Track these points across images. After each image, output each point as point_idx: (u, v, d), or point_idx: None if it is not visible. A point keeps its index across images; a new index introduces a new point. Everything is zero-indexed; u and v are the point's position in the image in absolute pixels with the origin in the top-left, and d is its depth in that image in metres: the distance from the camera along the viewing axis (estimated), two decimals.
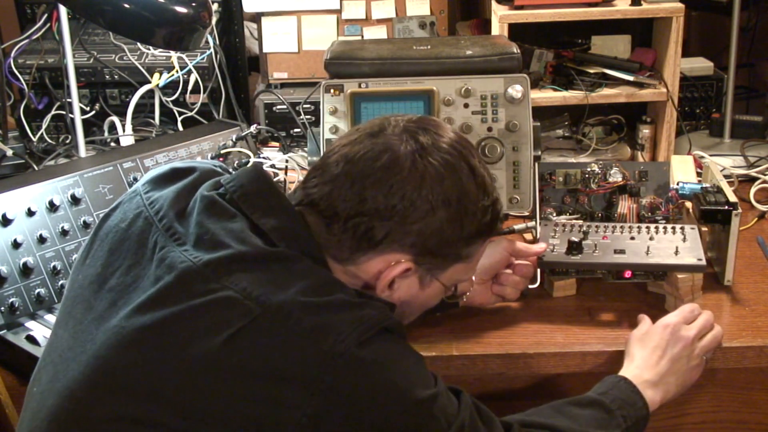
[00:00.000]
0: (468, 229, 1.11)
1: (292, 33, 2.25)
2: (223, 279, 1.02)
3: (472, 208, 1.11)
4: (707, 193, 1.55)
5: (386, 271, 1.10)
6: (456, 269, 1.16)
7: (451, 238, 1.11)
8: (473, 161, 1.12)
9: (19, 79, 2.13)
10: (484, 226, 1.13)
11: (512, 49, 1.55)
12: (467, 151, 1.12)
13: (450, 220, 1.09)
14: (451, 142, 1.11)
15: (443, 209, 1.08)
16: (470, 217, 1.11)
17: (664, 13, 1.95)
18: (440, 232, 1.09)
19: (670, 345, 1.31)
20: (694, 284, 1.44)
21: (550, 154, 2.06)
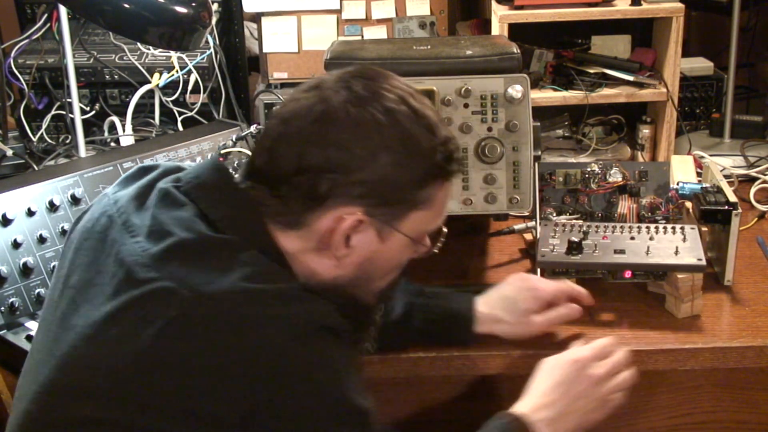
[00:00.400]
0: (417, 171, 1.06)
1: (292, 33, 2.25)
2: (163, 268, 1.00)
3: (417, 149, 1.06)
4: (707, 193, 1.55)
5: (337, 226, 1.06)
6: (416, 217, 1.09)
7: (400, 183, 1.06)
8: (415, 104, 1.07)
9: (19, 79, 2.13)
10: (435, 167, 1.08)
11: (512, 49, 1.55)
12: (408, 95, 1.08)
13: (395, 165, 1.05)
14: (389, 88, 1.07)
15: (385, 155, 1.04)
16: (417, 159, 1.06)
17: (664, 13, 1.95)
18: (387, 178, 1.05)
19: (575, 382, 1.24)
20: (694, 284, 1.44)
21: (550, 154, 2.06)
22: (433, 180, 1.09)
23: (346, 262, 1.09)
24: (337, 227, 1.06)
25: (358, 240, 1.08)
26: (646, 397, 1.45)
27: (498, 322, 1.37)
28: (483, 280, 1.60)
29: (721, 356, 1.38)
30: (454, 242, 1.73)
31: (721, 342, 1.39)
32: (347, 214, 1.05)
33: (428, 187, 1.08)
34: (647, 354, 1.38)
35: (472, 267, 1.65)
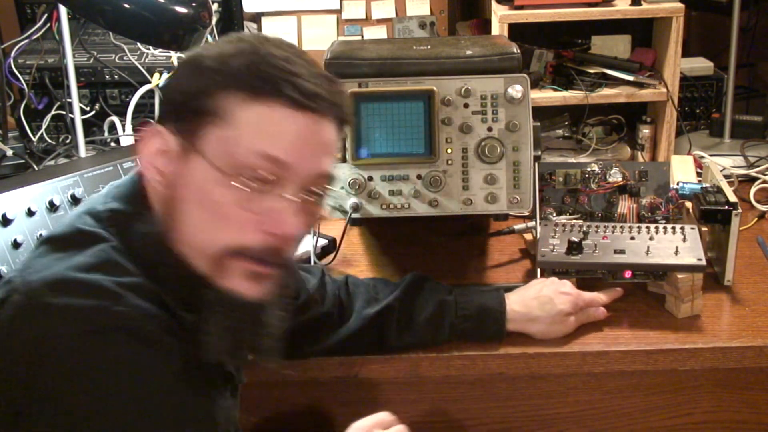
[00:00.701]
0: (210, 77, 0.99)
1: (292, 33, 2.25)
2: (29, 262, 0.99)
3: (217, 57, 1.00)
4: (707, 193, 1.55)
5: (142, 146, 1.03)
6: (215, 136, 0.99)
7: (191, 89, 1.00)
8: (250, 38, 1.04)
9: (19, 79, 2.13)
10: (233, 76, 0.98)
11: (512, 49, 1.55)
12: (252, 36, 1.05)
13: (190, 73, 1.01)
14: (275, 41, 1.05)
15: (186, 67, 1.03)
16: (213, 64, 1.00)
17: (664, 13, 1.95)
18: (180, 87, 1.02)
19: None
20: (694, 284, 1.44)
21: (550, 154, 2.06)
22: (225, 89, 0.98)
23: (161, 194, 1.03)
24: (141, 147, 1.03)
25: (166, 165, 1.02)
26: (646, 397, 1.45)
27: (534, 321, 1.39)
28: (483, 280, 1.60)
29: (721, 356, 1.38)
30: (454, 242, 1.74)
31: (721, 342, 1.39)
32: (149, 130, 1.03)
33: (218, 97, 0.98)
34: (647, 354, 1.38)
35: (472, 267, 1.65)
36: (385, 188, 1.52)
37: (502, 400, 1.45)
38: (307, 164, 1.01)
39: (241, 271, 1.01)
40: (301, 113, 0.99)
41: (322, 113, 1.01)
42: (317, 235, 1.59)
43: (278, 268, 1.03)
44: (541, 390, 1.44)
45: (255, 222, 0.99)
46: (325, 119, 1.02)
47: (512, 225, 1.72)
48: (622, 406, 1.46)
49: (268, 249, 1.00)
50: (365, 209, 1.53)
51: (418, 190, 1.52)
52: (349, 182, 1.51)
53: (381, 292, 1.42)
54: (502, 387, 1.44)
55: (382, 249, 1.72)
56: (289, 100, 0.98)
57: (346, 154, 1.51)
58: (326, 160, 1.04)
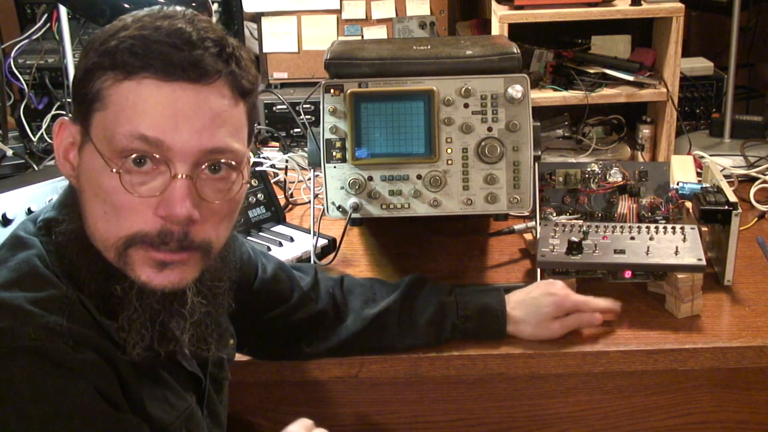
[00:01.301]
0: (92, 60, 0.96)
1: (292, 33, 2.25)
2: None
3: (99, 38, 0.97)
4: (707, 193, 1.55)
5: (55, 137, 1.01)
6: (99, 121, 0.96)
7: (79, 74, 0.98)
8: (143, 13, 0.98)
9: (19, 79, 2.13)
10: (109, 55, 0.94)
11: (512, 49, 1.55)
12: (145, 12, 0.99)
13: (81, 58, 0.99)
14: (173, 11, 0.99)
15: (81, 51, 1.01)
16: (95, 46, 0.97)
17: (664, 13, 1.95)
18: (76, 73, 0.99)
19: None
20: (694, 284, 1.44)
21: (550, 154, 2.06)
22: (101, 70, 0.95)
23: (77, 186, 1.01)
24: (56, 143, 1.02)
25: (73, 155, 1.01)
26: (646, 397, 1.45)
27: (520, 322, 1.40)
28: (483, 280, 1.60)
29: (721, 356, 1.38)
30: (454, 242, 1.74)
31: (721, 342, 1.39)
32: (57, 124, 1.02)
33: (96, 80, 0.95)
34: (647, 354, 1.38)
35: (472, 267, 1.65)
36: (385, 188, 1.52)
37: (502, 400, 1.45)
38: (187, 139, 0.94)
39: (145, 260, 0.96)
40: (171, 85, 0.93)
41: (202, 83, 0.94)
42: (317, 235, 1.59)
43: (187, 252, 0.97)
44: (541, 390, 1.44)
45: (146, 206, 0.95)
46: (208, 88, 0.95)
47: (512, 225, 1.72)
48: (622, 406, 1.46)
49: (167, 233, 0.95)
50: (365, 209, 1.53)
51: (418, 190, 1.52)
52: (349, 182, 1.51)
53: (378, 292, 1.42)
54: (502, 387, 1.44)
55: (382, 249, 1.72)
56: (157, 72, 0.93)
57: (346, 154, 1.51)
58: (214, 132, 0.95)
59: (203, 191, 0.97)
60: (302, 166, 1.95)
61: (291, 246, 1.62)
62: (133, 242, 0.95)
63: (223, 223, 1.01)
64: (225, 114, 0.96)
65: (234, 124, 0.98)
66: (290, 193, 1.95)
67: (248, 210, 1.69)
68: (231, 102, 0.97)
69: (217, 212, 0.99)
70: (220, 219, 1.00)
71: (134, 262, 0.96)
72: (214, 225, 0.99)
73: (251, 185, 1.70)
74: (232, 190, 0.99)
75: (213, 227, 0.99)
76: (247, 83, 0.99)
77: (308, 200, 1.89)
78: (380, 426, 1.47)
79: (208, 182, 0.97)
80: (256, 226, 1.69)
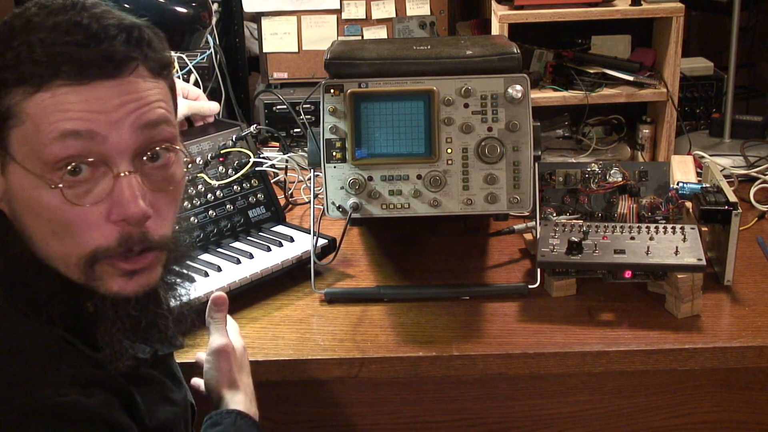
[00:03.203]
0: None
1: (292, 33, 2.25)
2: None
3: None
4: (707, 193, 1.55)
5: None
6: (19, 137, 0.89)
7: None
8: (30, 12, 0.91)
9: None
10: (11, 69, 0.88)
11: (512, 49, 1.55)
12: (27, 10, 0.92)
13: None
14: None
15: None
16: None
17: (664, 13, 1.95)
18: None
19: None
20: (694, 284, 1.44)
21: (550, 154, 2.06)
22: (6, 86, 0.89)
23: (6, 210, 0.94)
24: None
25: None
26: (646, 397, 1.45)
27: (239, 377, 1.25)
28: (483, 280, 1.60)
29: (721, 356, 1.38)
30: (454, 242, 1.74)
31: (721, 342, 1.39)
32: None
33: (2, 98, 0.89)
34: (647, 354, 1.38)
35: (472, 267, 1.65)
36: (385, 188, 1.52)
37: (502, 400, 1.45)
38: (120, 131, 0.89)
39: (114, 272, 0.92)
40: (90, 85, 0.88)
41: (121, 75, 0.89)
42: (317, 235, 1.59)
43: (150, 254, 0.94)
44: (541, 390, 1.44)
45: (98, 215, 0.90)
46: (127, 78, 0.90)
47: (512, 225, 1.72)
48: (622, 406, 1.46)
49: (127, 239, 0.91)
50: (365, 209, 1.53)
51: (418, 190, 1.52)
52: (349, 182, 1.51)
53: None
54: (502, 387, 1.44)
55: (382, 249, 1.72)
56: (70, 77, 0.87)
57: (346, 154, 1.51)
58: (144, 114, 0.91)
59: (149, 183, 0.93)
60: (302, 166, 1.95)
61: (291, 246, 1.62)
62: (96, 258, 0.91)
63: (173, 209, 0.98)
64: (149, 95, 0.92)
65: (160, 99, 0.93)
66: (290, 193, 1.95)
67: (248, 210, 1.69)
68: (151, 83, 0.93)
69: (166, 202, 0.96)
70: (170, 207, 0.97)
71: (102, 276, 0.92)
72: (167, 216, 0.96)
73: (251, 185, 1.70)
74: (175, 174, 0.96)
75: (166, 219, 0.96)
76: (162, 60, 0.95)
77: (308, 200, 1.89)
78: (380, 426, 1.47)
79: (151, 173, 0.93)
80: (256, 226, 1.69)
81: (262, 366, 1.37)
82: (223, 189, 1.66)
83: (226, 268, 1.54)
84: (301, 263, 1.59)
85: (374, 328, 1.45)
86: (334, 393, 1.44)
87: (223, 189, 1.66)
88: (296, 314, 1.50)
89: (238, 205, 1.68)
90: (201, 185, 1.63)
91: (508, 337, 1.41)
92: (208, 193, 1.64)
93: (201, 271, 1.51)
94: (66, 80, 0.87)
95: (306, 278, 1.56)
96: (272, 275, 1.56)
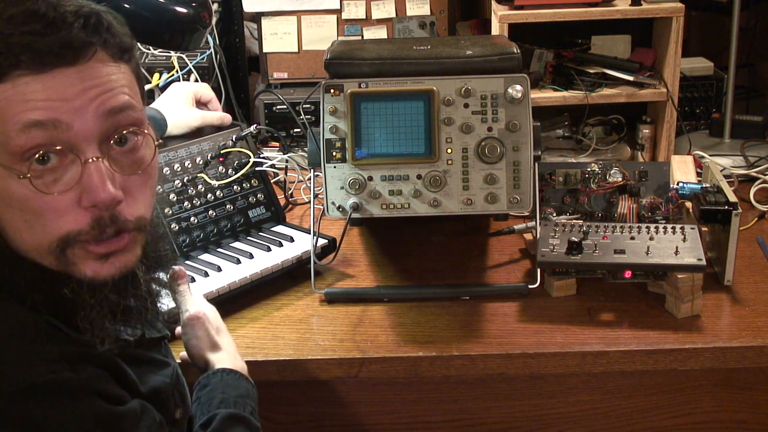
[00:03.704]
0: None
1: (292, 33, 2.25)
2: None
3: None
4: (707, 193, 1.55)
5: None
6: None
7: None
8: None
9: None
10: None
11: (512, 49, 1.55)
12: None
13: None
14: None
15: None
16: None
17: (664, 13, 1.95)
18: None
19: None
20: (694, 284, 1.44)
21: (550, 154, 2.06)
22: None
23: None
24: None
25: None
26: (646, 397, 1.45)
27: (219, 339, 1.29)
28: (483, 280, 1.60)
29: (721, 356, 1.38)
30: (454, 242, 1.74)
31: (721, 342, 1.39)
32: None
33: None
34: (647, 354, 1.38)
35: (472, 267, 1.65)
36: (385, 188, 1.52)
37: (502, 400, 1.45)
38: (85, 117, 0.89)
39: (86, 256, 0.93)
40: (50, 74, 0.87)
41: (80, 62, 0.89)
42: (317, 235, 1.59)
43: (125, 235, 0.94)
44: (541, 390, 1.45)
45: (68, 202, 0.90)
46: (87, 64, 0.90)
47: (512, 225, 1.72)
48: (622, 406, 1.46)
49: (98, 221, 0.92)
50: (365, 209, 1.53)
51: (418, 190, 1.52)
52: (349, 182, 1.51)
53: None
54: (502, 387, 1.44)
55: (382, 249, 1.72)
56: (30, 66, 0.87)
57: (346, 154, 1.51)
58: (107, 99, 0.91)
59: (118, 168, 0.93)
60: (302, 166, 1.95)
61: (291, 246, 1.62)
62: (68, 243, 0.92)
63: (147, 191, 0.98)
64: (111, 80, 0.92)
65: (123, 84, 0.93)
66: (290, 193, 1.95)
67: (248, 210, 1.69)
68: (113, 67, 0.92)
69: (138, 184, 0.95)
70: (143, 189, 0.96)
71: (76, 261, 0.93)
72: (141, 198, 0.96)
73: (251, 185, 1.70)
74: (145, 157, 0.96)
75: (140, 201, 0.96)
76: (123, 44, 0.95)
77: (308, 200, 1.89)
78: (380, 426, 1.47)
79: (120, 157, 0.93)
80: (256, 226, 1.69)
81: (262, 366, 1.37)
82: (223, 189, 1.66)
83: (226, 268, 1.54)
84: (301, 263, 1.59)
85: (374, 328, 1.45)
86: (334, 393, 1.44)
87: (223, 189, 1.66)
88: (296, 314, 1.50)
89: (238, 205, 1.68)
90: (201, 185, 1.63)
91: (508, 337, 1.41)
92: (208, 193, 1.64)
93: (201, 271, 1.51)
94: (26, 70, 0.87)
95: (306, 278, 1.56)
96: (272, 275, 1.56)
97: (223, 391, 1.18)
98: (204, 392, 1.18)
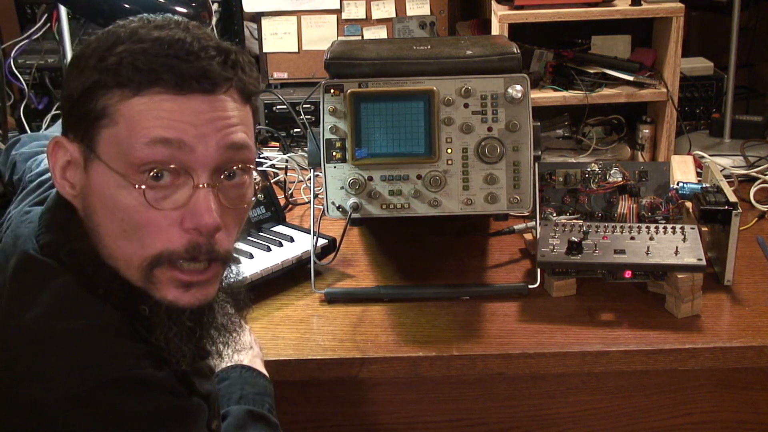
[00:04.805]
0: (90, 77, 0.93)
1: (292, 33, 2.25)
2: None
3: (94, 54, 0.94)
4: (707, 193, 1.55)
5: (52, 159, 0.97)
6: (107, 137, 0.93)
7: (76, 92, 0.94)
8: (134, 24, 0.96)
9: (19, 79, 2.13)
10: (111, 72, 0.92)
11: (512, 49, 1.55)
12: (133, 22, 0.97)
13: (74, 75, 0.95)
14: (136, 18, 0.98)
15: (70, 68, 0.97)
16: (91, 62, 0.94)
17: (664, 13, 1.95)
18: (68, 91, 0.96)
19: None
20: (694, 284, 1.44)
21: (550, 154, 2.06)
22: (104, 88, 0.93)
23: (80, 209, 0.98)
24: (51, 162, 0.98)
25: (73, 175, 0.97)
26: (646, 397, 1.45)
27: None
28: (483, 280, 1.60)
29: (721, 356, 1.38)
30: (454, 242, 1.74)
31: (721, 342, 1.39)
32: (51, 143, 0.98)
33: (101, 97, 0.93)
34: (647, 354, 1.38)
35: (472, 267, 1.65)
36: (385, 188, 1.52)
37: (502, 400, 1.45)
38: (207, 145, 0.93)
39: (171, 281, 0.95)
40: (186, 97, 0.92)
41: (215, 93, 0.94)
42: (317, 235, 1.59)
43: (212, 266, 0.97)
44: (541, 390, 1.44)
45: (170, 221, 0.93)
46: (221, 97, 0.94)
47: (512, 225, 1.72)
48: (622, 406, 1.46)
49: (195, 246, 0.94)
50: (365, 209, 1.53)
51: (418, 190, 1.52)
52: (349, 182, 1.51)
53: None
54: (502, 387, 1.44)
55: (382, 249, 1.72)
56: (169, 86, 0.92)
57: (346, 154, 1.51)
58: (231, 134, 0.95)
59: (224, 199, 0.96)
60: (302, 166, 1.95)
61: (291, 246, 1.62)
62: (159, 262, 0.94)
63: (238, 227, 1.01)
64: (237, 118, 0.96)
65: (245, 125, 0.98)
66: (290, 193, 1.95)
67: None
68: (240, 105, 0.97)
69: (234, 219, 0.99)
70: (236, 225, 1.00)
71: (160, 282, 0.95)
72: (233, 233, 1.00)
73: None
74: (247, 195, 1.00)
75: (233, 235, 1.00)
76: (252, 87, 1.00)
77: (308, 200, 1.89)
78: (380, 426, 1.47)
79: (226, 190, 0.96)
80: (256, 226, 1.69)
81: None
82: None
83: None
84: (301, 263, 1.59)
85: (374, 328, 1.45)
86: (334, 393, 1.44)
87: None
88: (296, 314, 1.50)
89: None
90: None
91: (508, 337, 1.41)
92: None
93: None
94: (164, 88, 0.91)
95: (306, 278, 1.56)
96: (272, 275, 1.56)
97: (242, 387, 1.20)
98: (223, 385, 1.20)
